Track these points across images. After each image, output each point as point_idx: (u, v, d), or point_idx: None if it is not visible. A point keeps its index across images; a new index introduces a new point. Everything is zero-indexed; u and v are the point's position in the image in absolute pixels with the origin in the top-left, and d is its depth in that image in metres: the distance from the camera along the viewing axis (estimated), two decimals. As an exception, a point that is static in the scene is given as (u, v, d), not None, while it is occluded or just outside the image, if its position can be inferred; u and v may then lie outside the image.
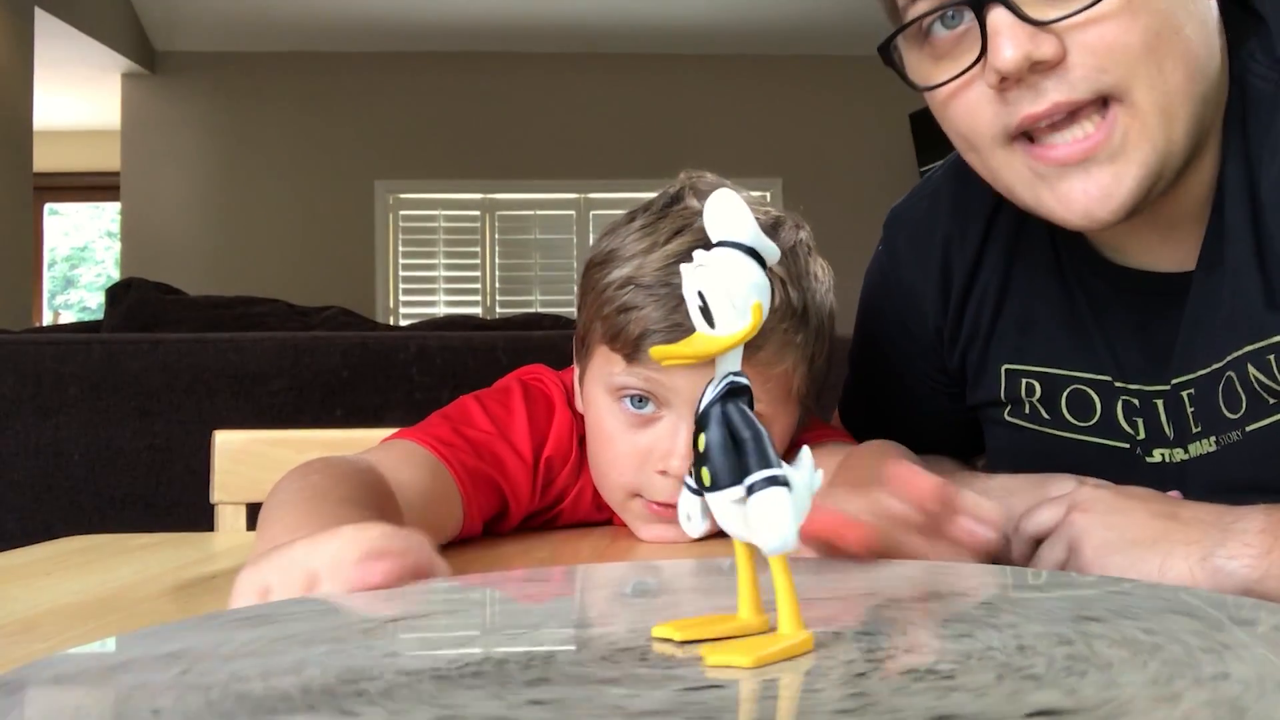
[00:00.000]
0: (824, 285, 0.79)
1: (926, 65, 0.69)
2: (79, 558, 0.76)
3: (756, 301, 0.35)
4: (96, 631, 0.50)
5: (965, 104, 0.67)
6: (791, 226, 0.79)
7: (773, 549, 0.34)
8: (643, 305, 0.72)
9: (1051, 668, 0.30)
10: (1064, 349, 0.78)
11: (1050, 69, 0.63)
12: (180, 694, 0.30)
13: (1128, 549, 0.55)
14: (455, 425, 0.77)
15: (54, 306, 7.34)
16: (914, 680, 0.30)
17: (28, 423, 1.69)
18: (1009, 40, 0.62)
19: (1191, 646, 0.32)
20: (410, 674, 0.32)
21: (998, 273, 0.82)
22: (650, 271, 0.73)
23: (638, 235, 0.76)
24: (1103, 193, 0.64)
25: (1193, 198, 0.70)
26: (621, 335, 0.73)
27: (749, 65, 5.65)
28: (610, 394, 0.76)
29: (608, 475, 0.78)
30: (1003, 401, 0.83)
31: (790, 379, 0.76)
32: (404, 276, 5.60)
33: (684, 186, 0.79)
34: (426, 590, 0.46)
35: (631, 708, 0.28)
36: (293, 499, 0.61)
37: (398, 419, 0.88)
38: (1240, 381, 0.68)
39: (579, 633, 0.39)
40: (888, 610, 0.40)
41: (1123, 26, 0.62)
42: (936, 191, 0.86)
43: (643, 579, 0.51)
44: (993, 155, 0.68)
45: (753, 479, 0.34)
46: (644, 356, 0.72)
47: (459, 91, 5.59)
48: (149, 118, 5.52)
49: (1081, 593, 0.43)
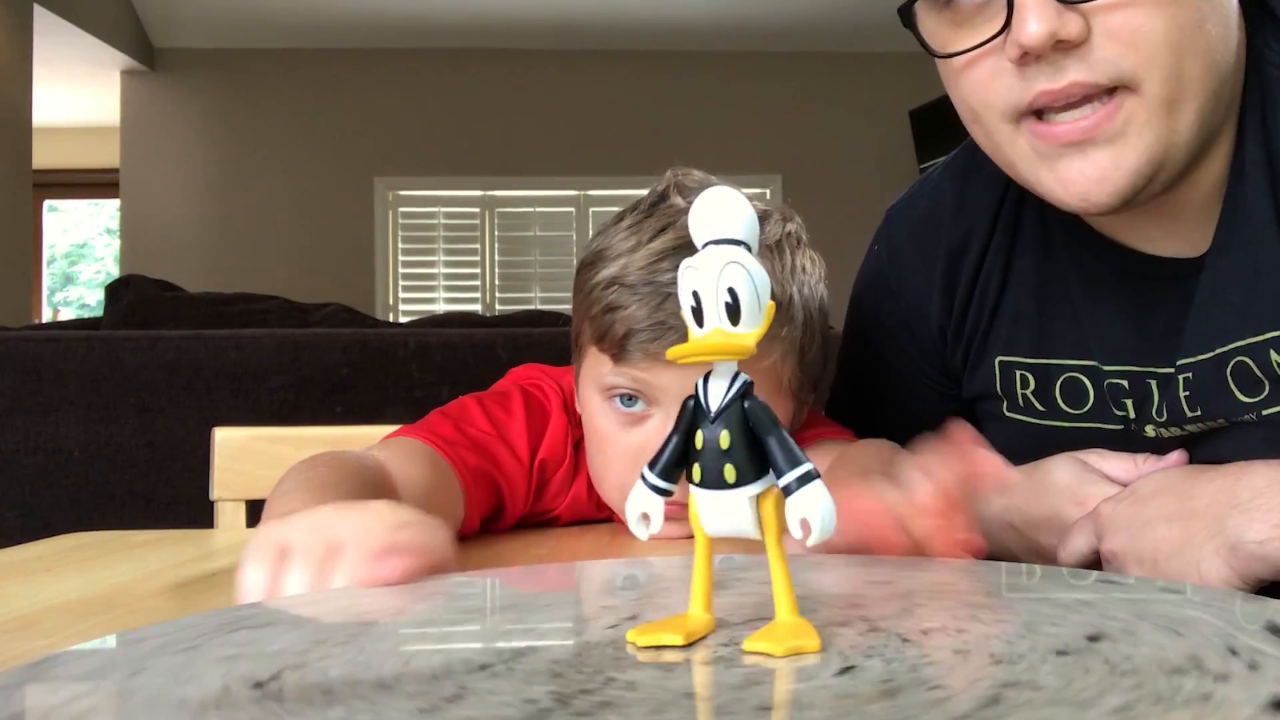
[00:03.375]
0: (813, 277, 0.79)
1: (946, 31, 0.68)
2: (79, 555, 0.76)
3: (770, 301, 0.36)
4: (97, 628, 0.49)
5: (981, 75, 0.67)
6: (778, 220, 0.79)
7: (814, 541, 0.35)
8: (627, 305, 0.72)
9: (1050, 669, 0.30)
10: (1051, 337, 0.78)
11: (1072, 48, 0.62)
12: (185, 686, 0.30)
13: (1165, 565, 0.57)
14: (456, 423, 0.78)
15: (53, 303, 7.34)
16: (909, 671, 0.30)
17: (27, 420, 1.69)
18: (1036, 15, 0.61)
19: (1208, 647, 0.32)
20: (413, 668, 0.32)
21: (999, 268, 0.82)
22: (635, 270, 0.73)
23: (624, 235, 0.76)
24: (1099, 175, 0.64)
25: (1200, 192, 0.70)
26: (608, 335, 0.73)
27: (749, 61, 5.65)
28: (601, 394, 0.76)
29: (604, 475, 0.78)
30: (999, 395, 0.83)
31: (779, 372, 0.76)
32: (404, 273, 5.60)
33: (670, 185, 0.79)
34: (437, 586, 0.46)
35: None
36: (299, 489, 0.62)
37: (397, 416, 0.88)
38: (1260, 367, 0.68)
39: (572, 628, 0.40)
40: (896, 604, 0.40)
41: (1150, 14, 0.62)
42: (938, 190, 0.86)
43: (632, 574, 0.51)
44: (998, 130, 0.68)
45: (795, 474, 0.35)
46: (631, 356, 0.72)
47: (459, 88, 5.58)
48: (148, 114, 5.51)
49: (1107, 595, 0.42)
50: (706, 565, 0.37)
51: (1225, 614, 0.36)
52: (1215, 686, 0.28)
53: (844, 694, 0.29)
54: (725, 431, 0.36)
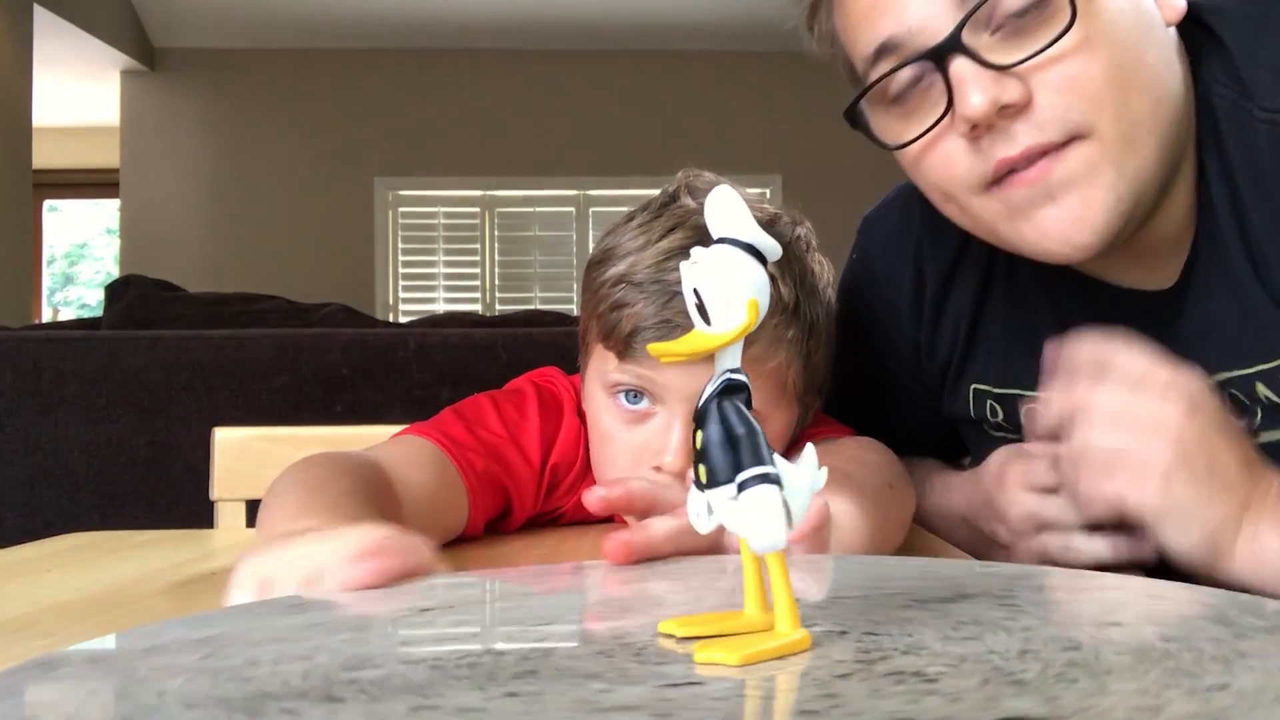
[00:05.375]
0: (821, 281, 0.79)
1: (895, 124, 0.69)
2: (79, 554, 0.76)
3: (752, 298, 0.35)
4: (97, 628, 0.49)
5: (940, 157, 0.67)
6: (788, 223, 0.79)
7: (761, 548, 0.33)
8: (634, 302, 0.72)
9: (1045, 674, 0.30)
10: (1022, 369, 0.78)
11: (1019, 112, 0.63)
12: (188, 679, 0.30)
13: (1200, 480, 0.58)
14: (468, 424, 0.77)
15: (53, 303, 7.34)
16: (895, 683, 0.30)
17: (27, 420, 1.69)
18: (975, 87, 0.62)
19: (1204, 654, 0.31)
20: (409, 664, 0.32)
21: (971, 292, 0.82)
22: (643, 269, 0.73)
23: (634, 233, 0.76)
24: (1075, 217, 0.65)
25: (1168, 224, 0.70)
26: (614, 332, 0.73)
27: (748, 62, 5.65)
28: (605, 391, 0.76)
29: (606, 472, 0.78)
30: (974, 420, 0.83)
31: (784, 375, 0.76)
32: (404, 273, 5.60)
33: (680, 186, 0.79)
34: (428, 586, 0.46)
35: (604, 702, 0.28)
36: (292, 491, 0.62)
37: (398, 416, 0.88)
38: (1247, 397, 0.68)
39: (582, 628, 0.39)
40: (904, 610, 0.40)
41: (1083, 62, 0.62)
42: (908, 202, 0.85)
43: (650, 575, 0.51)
44: (970, 204, 0.68)
45: (744, 476, 0.34)
46: (636, 353, 0.72)
47: (459, 88, 5.58)
48: (148, 114, 5.52)
49: (1113, 594, 0.42)
50: (755, 563, 0.36)
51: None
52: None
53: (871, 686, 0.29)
54: (699, 432, 0.35)
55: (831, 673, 0.31)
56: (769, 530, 0.33)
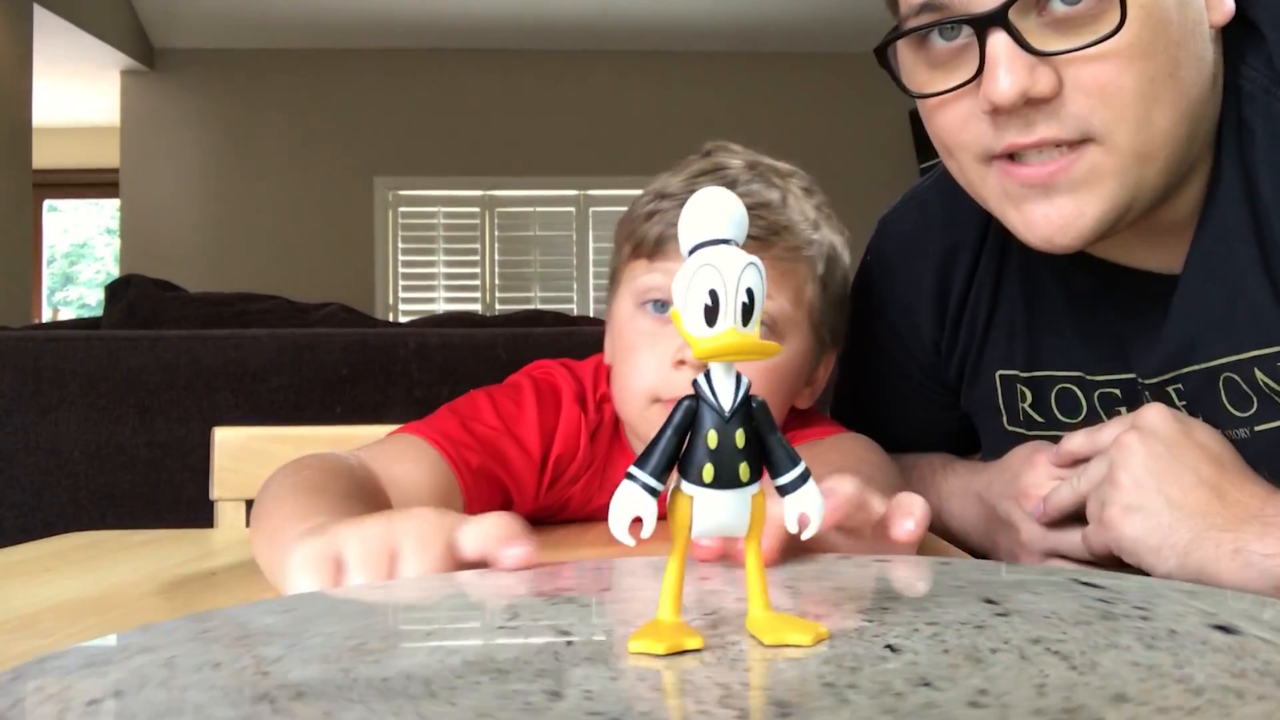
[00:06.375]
0: (833, 220, 0.83)
1: (922, 72, 0.69)
2: (79, 554, 0.76)
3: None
4: (98, 627, 0.49)
5: (954, 117, 0.68)
6: (802, 175, 0.87)
7: (809, 535, 0.37)
8: (666, 210, 0.78)
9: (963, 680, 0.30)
10: (1042, 349, 0.79)
11: (1043, 103, 0.63)
12: (197, 680, 0.30)
13: (1160, 512, 0.57)
14: (463, 420, 0.77)
15: (53, 303, 7.34)
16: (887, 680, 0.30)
17: (27, 420, 1.69)
18: (1007, 71, 0.62)
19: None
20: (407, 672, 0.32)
21: (989, 280, 0.82)
22: (675, 185, 0.80)
23: (667, 174, 0.83)
24: (1064, 221, 0.65)
25: (1181, 210, 0.70)
26: (645, 239, 0.79)
27: (748, 62, 5.65)
28: (635, 302, 0.79)
29: (629, 385, 0.79)
30: (1000, 409, 0.83)
31: (802, 289, 0.79)
32: (404, 273, 5.60)
33: (712, 148, 0.87)
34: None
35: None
36: (290, 492, 0.61)
37: (398, 415, 0.88)
38: (1247, 383, 0.68)
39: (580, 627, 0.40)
40: (885, 604, 0.41)
41: (1119, 69, 0.62)
42: (926, 204, 0.86)
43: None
44: (970, 168, 0.69)
45: (793, 474, 0.37)
46: (667, 253, 0.77)
47: (459, 88, 5.58)
48: (148, 114, 5.51)
49: (1112, 607, 0.42)
50: (681, 566, 0.37)
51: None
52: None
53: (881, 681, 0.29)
54: (740, 430, 0.36)
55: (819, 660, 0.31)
56: (818, 519, 0.37)
